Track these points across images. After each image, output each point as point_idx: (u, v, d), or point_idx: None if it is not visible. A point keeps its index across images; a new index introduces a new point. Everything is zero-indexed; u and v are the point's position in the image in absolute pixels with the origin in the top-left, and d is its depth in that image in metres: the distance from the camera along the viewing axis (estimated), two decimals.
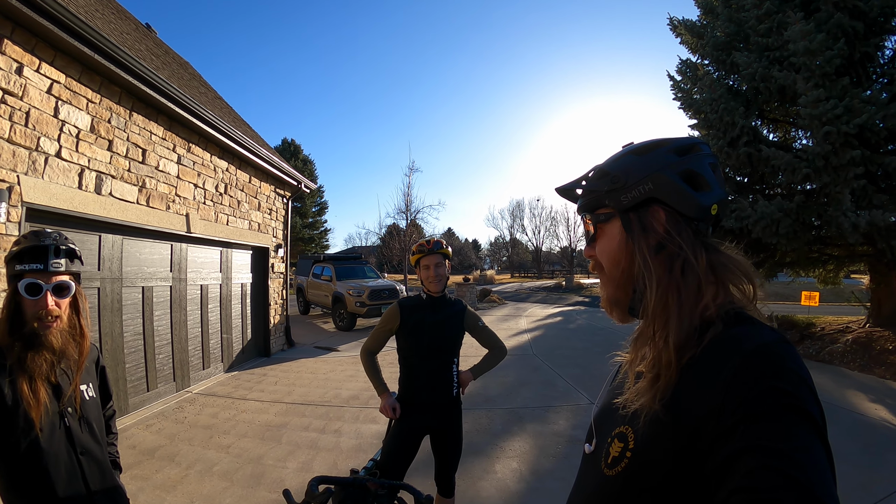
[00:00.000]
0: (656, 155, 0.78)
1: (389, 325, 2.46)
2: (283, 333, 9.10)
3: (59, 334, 1.37)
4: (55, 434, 1.33)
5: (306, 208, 38.54)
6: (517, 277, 52.45)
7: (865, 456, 3.75)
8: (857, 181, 6.10)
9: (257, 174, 8.03)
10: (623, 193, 0.78)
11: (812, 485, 0.48)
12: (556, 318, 13.42)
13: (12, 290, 1.32)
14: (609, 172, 0.81)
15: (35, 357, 1.30)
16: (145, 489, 3.35)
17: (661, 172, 0.75)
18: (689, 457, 0.59)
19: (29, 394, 1.27)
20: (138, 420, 4.74)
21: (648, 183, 0.75)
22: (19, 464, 1.27)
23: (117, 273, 4.83)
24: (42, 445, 1.29)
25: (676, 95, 8.99)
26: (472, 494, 3.31)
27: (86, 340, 1.48)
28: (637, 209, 0.77)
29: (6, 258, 1.34)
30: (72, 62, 4.00)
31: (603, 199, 0.81)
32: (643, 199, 0.76)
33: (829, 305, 13.51)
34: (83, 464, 1.40)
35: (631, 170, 0.78)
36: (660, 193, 0.75)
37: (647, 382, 0.69)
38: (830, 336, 7.67)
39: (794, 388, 0.55)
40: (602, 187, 0.81)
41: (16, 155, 3.50)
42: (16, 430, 1.25)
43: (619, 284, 0.80)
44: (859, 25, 6.32)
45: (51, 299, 1.34)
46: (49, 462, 1.30)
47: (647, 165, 0.77)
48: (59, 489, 1.32)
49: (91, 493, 1.40)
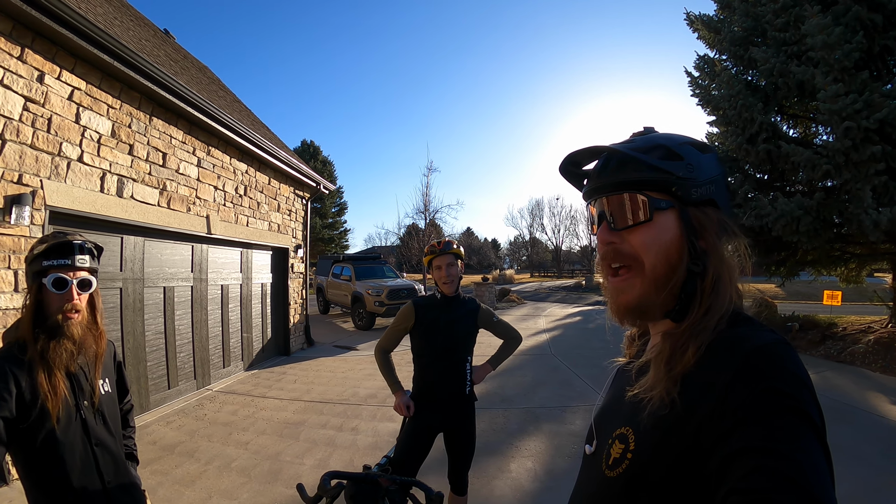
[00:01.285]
0: (714, 157, 0.74)
1: (404, 324, 2.49)
2: (302, 333, 9.21)
3: (80, 326, 1.44)
4: (71, 426, 1.39)
5: (326, 209, 38.99)
6: (537, 277, 51.99)
7: (885, 459, 3.63)
8: (879, 177, 5.87)
9: (276, 176, 8.14)
10: (695, 186, 0.70)
11: (811, 486, 0.48)
12: (576, 318, 13.27)
13: (37, 285, 1.38)
14: (682, 156, 0.71)
15: (57, 347, 1.37)
16: (165, 483, 3.42)
17: (722, 176, 0.73)
18: (690, 458, 0.58)
19: (48, 386, 1.33)
20: (159, 417, 4.85)
21: (713, 184, 0.71)
22: (37, 453, 1.33)
23: (139, 274, 4.95)
24: (58, 436, 1.35)
25: (694, 92, 8.80)
26: (486, 493, 3.29)
27: (102, 337, 1.54)
28: (699, 207, 0.70)
29: (30, 257, 1.40)
30: (92, 69, 4.12)
31: (670, 185, 0.70)
32: (707, 199, 0.70)
33: (852, 305, 13.01)
34: (97, 455, 1.45)
35: (701, 163, 0.71)
36: (719, 197, 0.71)
37: (662, 373, 0.66)
38: (852, 336, 7.41)
39: (793, 390, 0.55)
40: (675, 170, 0.70)
41: (38, 160, 3.62)
42: (34, 421, 1.31)
43: (662, 285, 0.70)
44: (878, 18, 6.07)
45: (76, 293, 1.41)
46: (65, 452, 1.36)
47: (711, 165, 0.72)
48: (73, 478, 1.38)
49: (105, 482, 1.46)
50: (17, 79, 3.44)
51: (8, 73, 3.37)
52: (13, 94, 3.42)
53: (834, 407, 4.79)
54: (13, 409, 1.26)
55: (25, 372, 1.32)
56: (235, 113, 7.25)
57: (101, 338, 1.54)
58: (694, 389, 0.61)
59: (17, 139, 3.44)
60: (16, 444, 1.30)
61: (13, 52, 3.41)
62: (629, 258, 0.71)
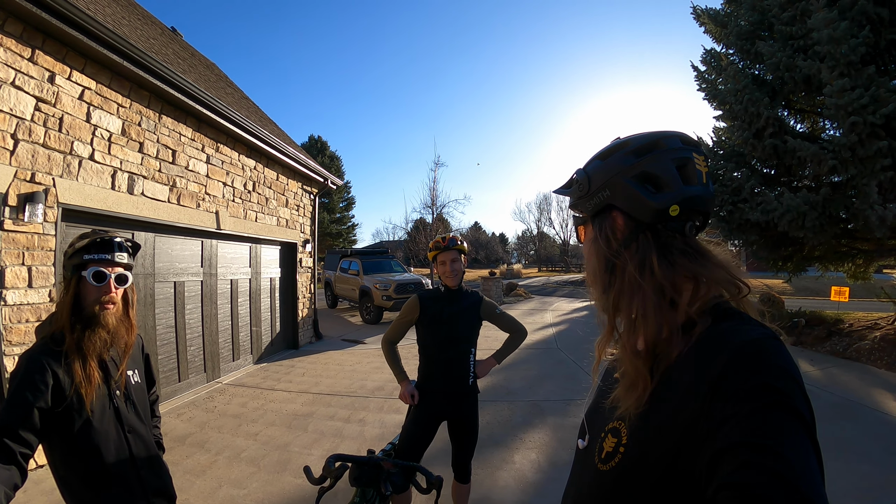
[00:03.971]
0: (615, 159, 0.78)
1: (409, 317, 2.56)
2: (311, 326, 9.33)
3: (114, 317, 1.51)
4: (105, 414, 1.47)
5: (334, 204, 39.06)
6: (544, 271, 51.88)
7: (889, 456, 3.58)
8: (885, 173, 5.77)
9: (284, 171, 8.22)
10: (587, 200, 0.80)
11: (799, 481, 0.48)
12: (582, 313, 13.25)
13: (77, 278, 1.45)
14: (576, 180, 0.84)
15: (92, 335, 1.44)
16: (176, 473, 3.45)
17: (617, 177, 0.76)
18: (681, 452, 0.59)
19: (83, 374, 1.40)
20: (170, 409, 4.97)
21: (606, 189, 0.77)
22: (74, 441, 1.39)
23: (150, 269, 5.05)
24: (94, 424, 1.42)
25: (701, 86, 8.69)
26: (489, 483, 3.34)
27: (133, 329, 1.61)
28: (600, 215, 0.80)
29: (70, 252, 1.47)
30: (102, 69, 4.19)
31: (576, 206, 0.84)
32: (604, 206, 0.78)
33: (860, 301, 12.82)
34: (130, 441, 1.53)
35: (593, 176, 0.80)
36: (615, 199, 0.76)
37: (623, 389, 0.71)
38: (858, 333, 7.31)
39: (781, 385, 0.55)
40: (572, 195, 0.85)
41: (51, 159, 3.70)
42: (71, 410, 1.37)
43: (597, 285, 0.81)
44: (884, 12, 5.95)
45: (113, 286, 1.49)
46: (100, 440, 1.43)
47: (607, 170, 0.78)
48: (109, 464, 1.44)
49: (137, 468, 1.53)
50: (28, 80, 3.52)
51: (20, 75, 3.45)
52: (25, 94, 3.50)
53: (839, 403, 4.76)
54: (49, 399, 1.32)
55: (62, 363, 1.38)
56: (243, 110, 7.32)
57: (133, 330, 1.60)
58: (682, 385, 0.62)
59: (29, 139, 3.53)
60: (53, 434, 1.37)
61: (24, 54, 3.49)
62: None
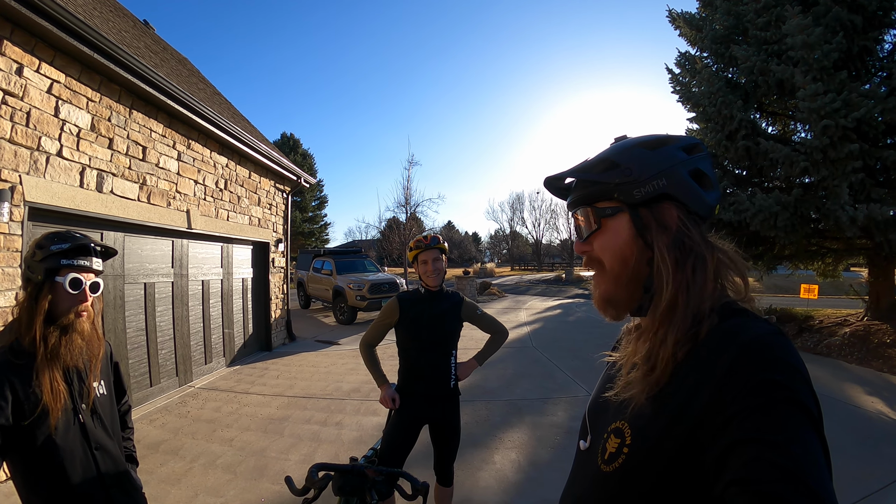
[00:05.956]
0: (668, 151, 0.75)
1: (389, 319, 2.51)
2: (284, 328, 9.18)
3: (89, 324, 1.45)
4: (70, 430, 1.38)
5: (306, 202, 38.50)
6: (517, 270, 52.45)
7: (861, 448, 3.77)
8: (856, 175, 6.09)
9: (257, 169, 8.05)
10: (636, 187, 0.73)
11: (807, 476, 0.49)
12: (556, 311, 13.47)
13: (50, 284, 1.36)
14: (618, 164, 0.75)
15: (69, 343, 1.37)
16: (150, 483, 3.41)
17: (675, 168, 0.73)
18: (688, 450, 0.59)
19: (49, 389, 1.31)
20: (142, 415, 4.81)
21: (663, 178, 0.72)
22: (35, 460, 1.31)
23: (119, 270, 4.88)
24: (58, 442, 1.33)
25: (675, 88, 8.97)
26: (470, 484, 3.38)
27: (101, 340, 1.53)
28: (649, 205, 0.74)
29: (41, 254, 1.36)
30: (71, 62, 4.03)
31: (611, 192, 0.76)
32: (657, 195, 0.73)
33: (829, 298, 13.49)
34: (97, 459, 1.44)
35: (645, 163, 0.74)
36: (674, 190, 0.72)
37: (641, 373, 0.69)
38: (828, 329, 7.68)
39: (789, 381, 0.55)
40: (611, 179, 0.75)
41: (17, 155, 3.54)
42: (32, 426, 1.29)
43: (622, 282, 0.76)
44: (858, 19, 6.30)
45: (89, 294, 1.43)
46: (65, 458, 1.34)
47: (661, 160, 0.74)
48: (74, 484, 1.35)
49: (106, 487, 1.45)
50: None
51: None
52: None
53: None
54: (9, 416, 1.24)
55: (22, 377, 1.29)
56: (216, 106, 7.14)
57: (101, 341, 1.53)
58: (689, 383, 0.62)
59: None
60: (13, 452, 1.29)
61: None
62: (596, 261, 0.80)
